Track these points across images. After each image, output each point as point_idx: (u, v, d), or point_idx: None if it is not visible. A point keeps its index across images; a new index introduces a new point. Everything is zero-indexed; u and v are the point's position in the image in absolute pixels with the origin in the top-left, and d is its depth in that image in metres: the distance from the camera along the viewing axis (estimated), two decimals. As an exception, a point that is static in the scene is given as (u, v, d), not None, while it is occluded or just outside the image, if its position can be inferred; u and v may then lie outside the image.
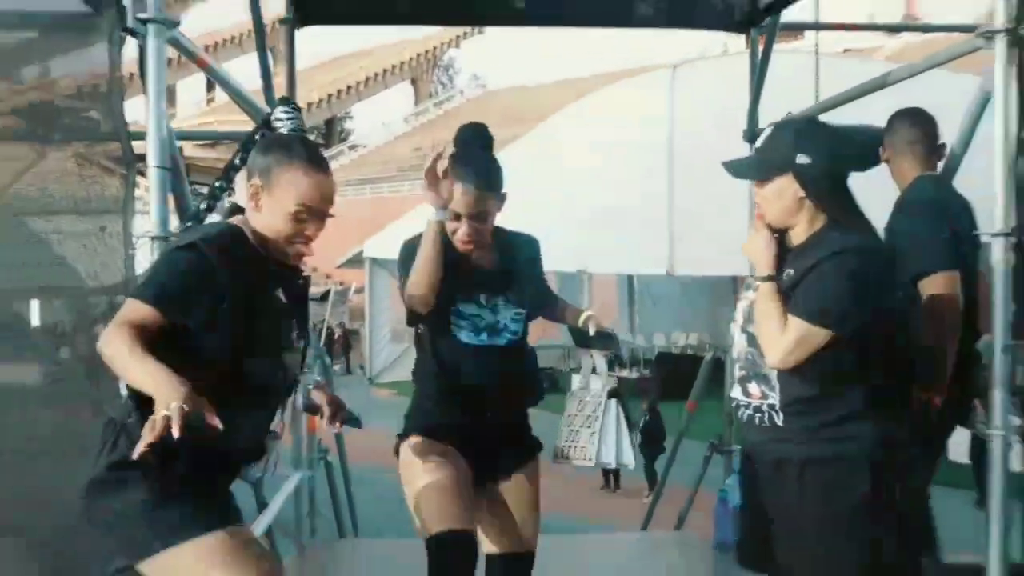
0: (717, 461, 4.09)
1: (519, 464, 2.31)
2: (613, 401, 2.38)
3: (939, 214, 2.48)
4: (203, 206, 1.82)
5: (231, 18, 22.78)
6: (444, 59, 32.08)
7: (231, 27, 22.57)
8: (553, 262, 2.55)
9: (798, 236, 2.00)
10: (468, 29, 28.79)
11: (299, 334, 1.84)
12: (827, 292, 1.88)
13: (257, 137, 1.83)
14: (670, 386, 9.02)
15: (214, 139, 14.71)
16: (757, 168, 2.05)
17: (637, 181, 10.38)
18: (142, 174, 2.28)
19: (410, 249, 2.20)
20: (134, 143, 2.23)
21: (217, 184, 1.85)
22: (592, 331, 2.31)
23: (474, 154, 2.24)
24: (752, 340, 2.01)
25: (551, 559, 2.43)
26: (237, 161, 1.84)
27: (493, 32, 27.21)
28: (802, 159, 1.95)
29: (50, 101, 2.38)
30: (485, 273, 2.28)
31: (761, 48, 3.83)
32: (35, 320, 2.52)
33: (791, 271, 1.95)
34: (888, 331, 1.99)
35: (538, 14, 3.76)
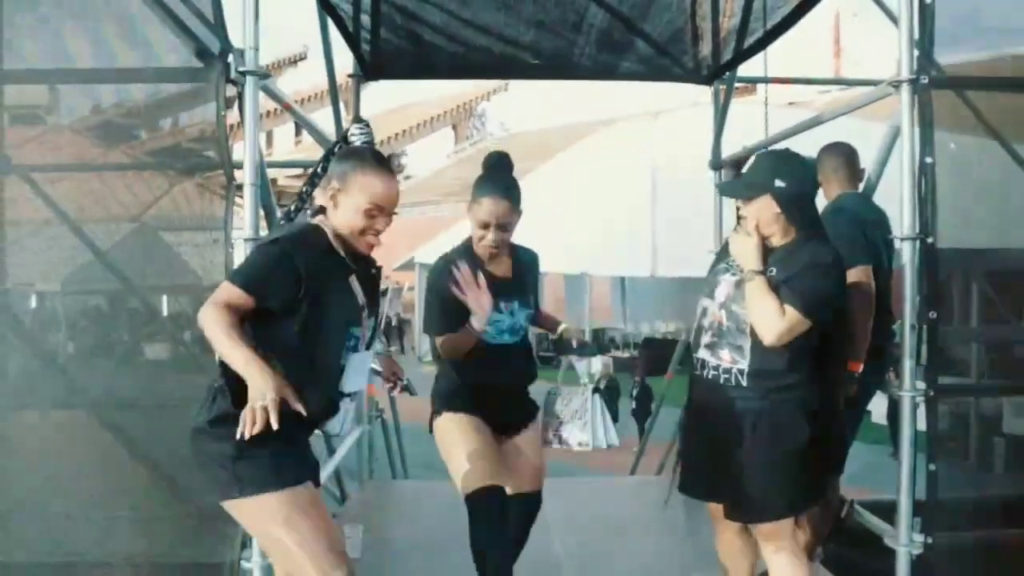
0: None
1: (525, 424, 2.26)
2: (596, 396, 2.35)
3: (853, 221, 2.45)
4: (293, 207, 1.75)
5: (313, 80, 23.43)
6: (478, 110, 31.97)
7: (312, 87, 23.14)
8: (562, 266, 2.54)
9: (775, 242, 1.99)
10: (497, 86, 28.71)
11: (370, 312, 1.73)
12: (815, 293, 1.90)
13: (336, 149, 1.76)
14: (654, 363, 8.92)
15: (300, 167, 14.88)
16: (743, 189, 2.02)
17: (627, 203, 10.38)
18: (240, 195, 2.29)
19: (438, 267, 2.13)
20: (236, 171, 2.24)
21: (304, 189, 1.78)
22: (575, 344, 2.29)
23: (500, 175, 2.17)
24: (732, 316, 1.97)
25: (564, 497, 2.42)
26: (319, 170, 1.76)
27: (516, 89, 27.15)
28: (779, 183, 1.93)
29: (178, 143, 2.43)
30: (505, 283, 2.17)
31: (722, 97, 3.84)
32: (165, 311, 2.59)
33: (774, 269, 1.95)
34: (834, 320, 2.00)
35: (547, 67, 3.79)
